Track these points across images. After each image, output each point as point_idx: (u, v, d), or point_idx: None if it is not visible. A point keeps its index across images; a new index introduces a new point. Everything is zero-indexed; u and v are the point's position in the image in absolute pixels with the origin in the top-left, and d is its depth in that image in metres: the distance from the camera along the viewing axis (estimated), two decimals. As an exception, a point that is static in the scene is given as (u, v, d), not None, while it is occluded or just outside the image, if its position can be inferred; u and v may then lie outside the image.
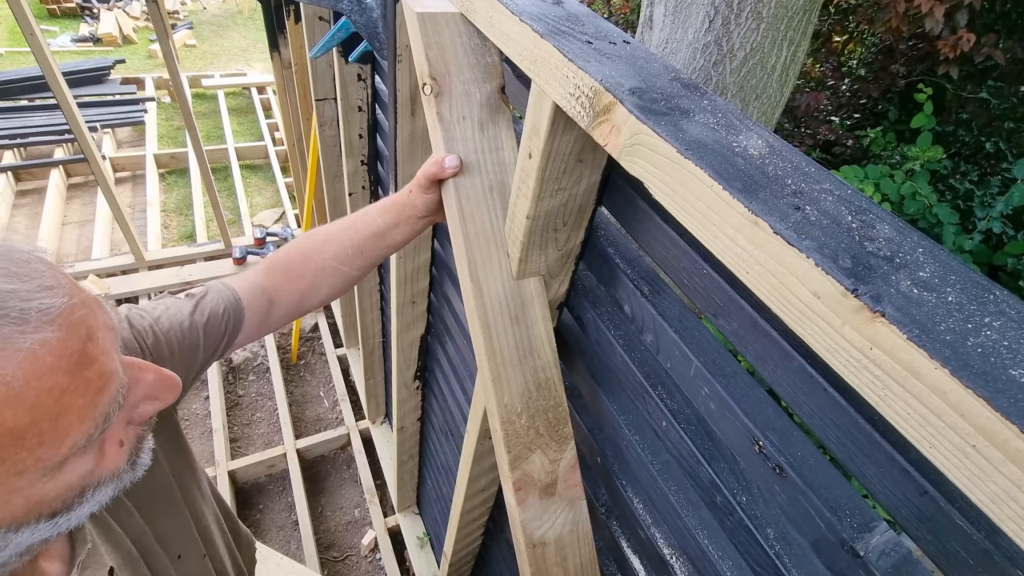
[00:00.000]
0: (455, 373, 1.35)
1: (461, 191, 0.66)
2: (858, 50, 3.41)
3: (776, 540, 0.50)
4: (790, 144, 0.41)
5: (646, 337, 0.61)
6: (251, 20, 8.02)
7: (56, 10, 7.14)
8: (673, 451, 0.61)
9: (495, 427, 0.67)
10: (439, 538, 1.92)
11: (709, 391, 0.53)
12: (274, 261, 0.73)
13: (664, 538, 0.67)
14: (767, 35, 1.68)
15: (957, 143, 2.74)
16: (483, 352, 0.65)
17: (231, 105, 5.53)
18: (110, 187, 2.96)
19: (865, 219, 0.35)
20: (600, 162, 0.58)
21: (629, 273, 0.62)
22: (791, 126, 3.16)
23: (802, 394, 0.43)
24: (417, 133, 1.07)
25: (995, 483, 0.26)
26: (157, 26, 2.46)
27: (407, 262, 1.27)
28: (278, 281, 0.72)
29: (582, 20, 0.55)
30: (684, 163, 0.38)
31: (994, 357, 0.27)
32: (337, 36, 1.12)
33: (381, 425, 2.56)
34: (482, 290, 0.65)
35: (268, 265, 0.72)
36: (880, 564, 0.41)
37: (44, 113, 4.22)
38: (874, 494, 0.40)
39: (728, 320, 0.49)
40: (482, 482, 1.03)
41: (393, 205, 0.72)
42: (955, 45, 2.27)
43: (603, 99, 0.44)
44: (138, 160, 4.40)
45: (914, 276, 0.31)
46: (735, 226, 0.36)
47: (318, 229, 0.74)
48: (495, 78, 0.70)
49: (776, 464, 0.47)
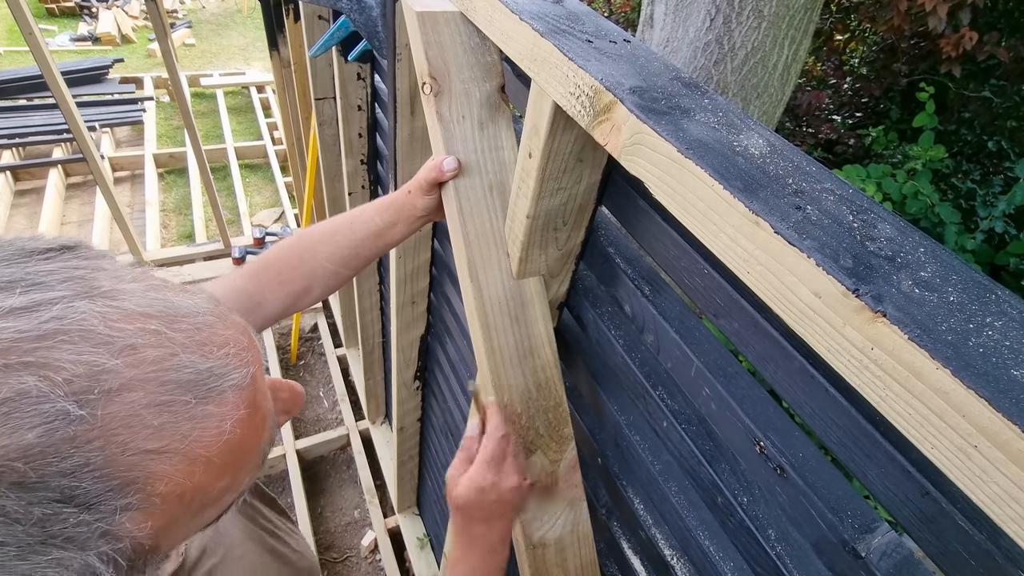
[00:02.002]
0: (455, 373, 1.35)
1: (461, 191, 0.66)
2: (860, 48, 3.40)
3: (777, 541, 0.50)
4: (791, 143, 0.41)
5: (647, 337, 0.61)
6: (250, 19, 8.01)
7: (55, 9, 7.13)
8: (674, 451, 0.61)
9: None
10: (439, 539, 1.92)
11: (710, 391, 0.53)
12: (266, 262, 0.70)
13: (665, 539, 0.66)
14: (768, 33, 1.68)
15: (959, 142, 2.74)
16: (483, 352, 0.65)
17: (230, 104, 5.52)
18: (109, 187, 2.96)
19: (866, 219, 0.35)
20: (600, 161, 0.58)
21: (629, 273, 0.62)
22: (792, 125, 3.16)
23: (803, 394, 0.43)
24: (417, 132, 1.06)
25: (997, 484, 0.26)
26: (156, 25, 2.46)
27: (407, 262, 1.27)
28: (269, 283, 0.69)
29: (582, 19, 0.55)
30: (685, 162, 0.38)
31: (996, 357, 0.27)
32: (336, 35, 1.12)
33: (381, 425, 2.56)
34: (482, 290, 0.65)
35: (258, 266, 0.70)
36: (881, 565, 0.41)
37: (43, 112, 4.22)
38: (875, 495, 0.40)
39: (729, 320, 0.49)
40: (482, 482, 1.02)
41: (392, 205, 0.72)
42: (957, 43, 2.27)
43: (603, 98, 0.44)
44: (137, 159, 4.40)
45: (915, 276, 0.31)
46: (736, 226, 0.36)
47: (313, 228, 0.72)
48: (495, 77, 0.70)
49: (777, 465, 0.47)
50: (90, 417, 0.27)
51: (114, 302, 0.30)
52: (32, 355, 0.26)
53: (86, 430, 0.27)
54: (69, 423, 0.26)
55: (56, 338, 0.27)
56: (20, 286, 0.28)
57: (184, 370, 0.31)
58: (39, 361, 0.26)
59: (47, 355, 0.26)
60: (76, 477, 0.26)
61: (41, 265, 0.30)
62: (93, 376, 0.27)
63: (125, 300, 0.30)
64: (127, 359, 0.29)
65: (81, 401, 0.27)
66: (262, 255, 0.71)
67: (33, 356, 0.26)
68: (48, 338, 0.27)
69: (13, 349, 0.26)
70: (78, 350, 0.27)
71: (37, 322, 0.27)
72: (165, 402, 0.30)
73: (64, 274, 0.30)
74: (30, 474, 0.25)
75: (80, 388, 0.27)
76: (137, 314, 0.30)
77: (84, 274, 0.30)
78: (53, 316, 0.27)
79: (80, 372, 0.27)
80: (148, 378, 0.29)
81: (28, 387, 0.25)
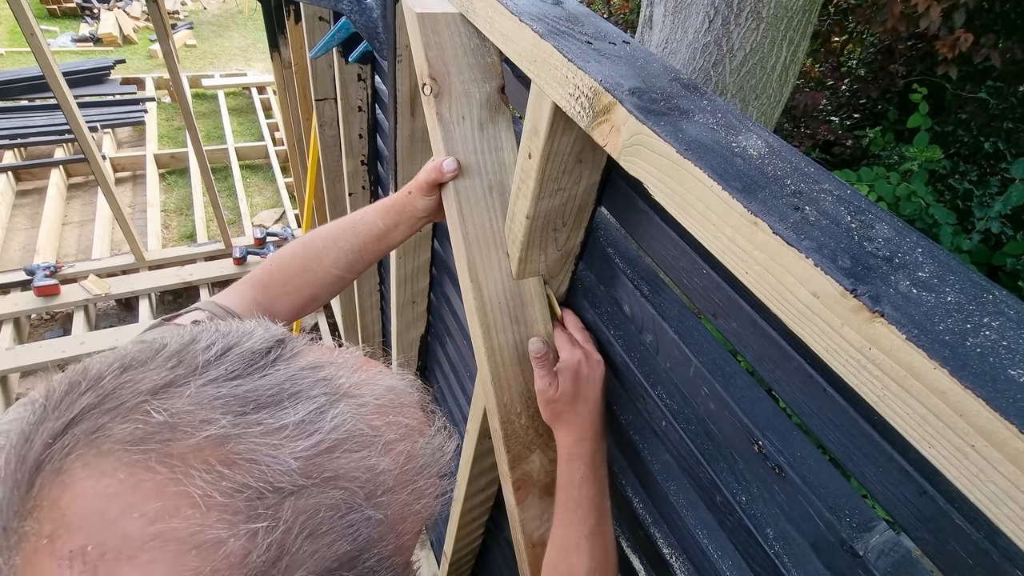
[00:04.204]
0: (455, 373, 1.35)
1: (461, 191, 0.66)
2: (857, 50, 3.41)
3: (775, 540, 0.50)
4: (790, 144, 0.41)
5: (646, 337, 0.61)
6: (251, 20, 8.02)
7: (56, 10, 7.14)
8: (672, 451, 0.61)
9: (494, 427, 0.67)
10: (439, 538, 1.92)
11: (708, 391, 0.53)
12: (271, 272, 0.69)
13: (664, 537, 0.67)
14: (767, 35, 1.68)
15: (956, 143, 2.74)
16: (483, 352, 0.65)
17: (231, 105, 5.53)
18: (110, 187, 2.96)
19: (864, 219, 0.35)
20: (600, 162, 0.58)
21: (629, 273, 0.62)
22: (791, 126, 3.16)
23: (801, 394, 0.43)
24: (417, 133, 1.07)
25: (994, 483, 0.26)
26: (157, 26, 2.46)
27: (407, 262, 1.27)
28: (277, 294, 0.68)
29: (582, 20, 0.55)
30: (683, 163, 0.38)
31: (993, 357, 0.27)
32: (337, 36, 1.12)
33: (381, 425, 2.56)
34: (482, 290, 0.65)
35: (265, 276, 0.69)
36: (879, 564, 0.41)
37: (44, 113, 4.23)
38: (873, 494, 0.40)
39: (727, 320, 0.49)
40: (482, 482, 1.03)
41: (393, 207, 0.72)
42: (953, 45, 2.28)
43: (603, 99, 0.44)
44: (138, 160, 4.40)
45: (913, 276, 0.31)
46: (734, 226, 0.36)
47: (315, 234, 0.71)
48: (495, 78, 0.70)
49: (775, 464, 0.47)
50: (385, 520, 0.30)
51: (360, 400, 0.32)
52: (329, 471, 0.28)
53: (383, 532, 0.29)
54: (371, 527, 0.29)
55: (342, 448, 0.29)
56: (285, 398, 0.29)
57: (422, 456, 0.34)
58: (336, 473, 0.28)
59: (340, 465, 0.28)
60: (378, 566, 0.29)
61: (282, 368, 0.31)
62: (376, 480, 0.30)
63: (367, 395, 0.33)
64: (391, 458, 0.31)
65: (375, 504, 0.29)
66: (267, 262, 0.70)
67: (330, 471, 0.28)
68: (336, 449, 0.29)
69: (313, 470, 0.27)
70: (359, 457, 0.29)
71: (320, 436, 0.28)
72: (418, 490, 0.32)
73: (310, 377, 0.31)
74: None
75: (370, 493, 0.29)
76: (380, 407, 0.33)
77: (326, 375, 0.32)
78: (332, 427, 0.29)
79: (367, 478, 0.29)
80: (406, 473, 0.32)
81: (336, 501, 0.27)
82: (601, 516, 0.60)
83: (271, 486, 0.25)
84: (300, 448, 0.27)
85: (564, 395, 0.63)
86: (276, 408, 0.28)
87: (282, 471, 0.26)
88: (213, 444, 0.25)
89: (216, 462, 0.25)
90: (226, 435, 0.26)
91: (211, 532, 0.24)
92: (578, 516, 0.59)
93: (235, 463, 0.25)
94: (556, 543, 0.61)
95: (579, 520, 0.59)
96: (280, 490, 0.26)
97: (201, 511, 0.24)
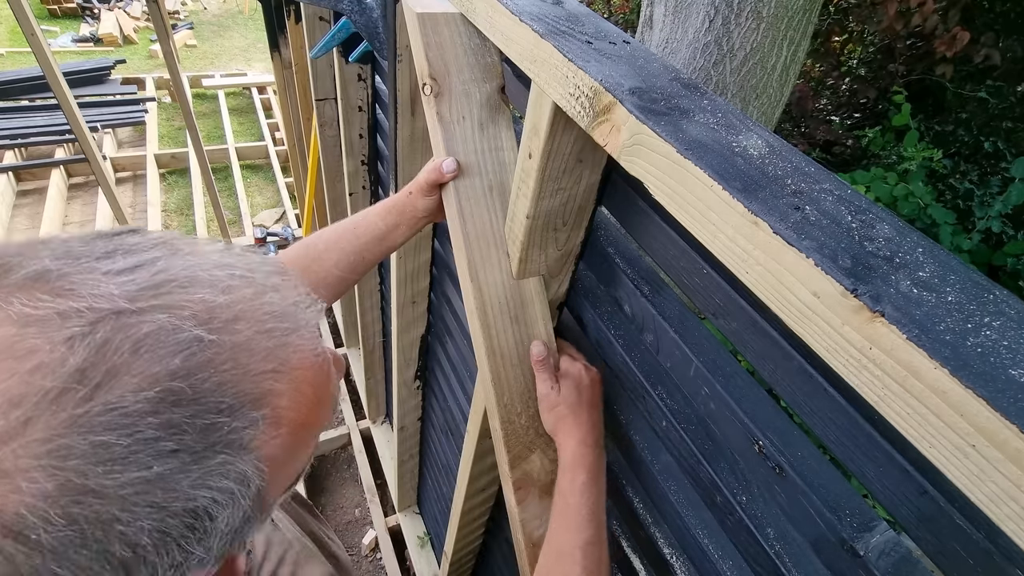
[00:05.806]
0: (455, 373, 1.35)
1: (461, 191, 0.66)
2: (857, 50, 3.41)
3: (776, 539, 0.50)
4: (790, 144, 0.41)
5: (646, 337, 0.61)
6: (251, 20, 8.02)
7: (57, 10, 7.14)
8: (673, 451, 0.61)
9: (495, 427, 0.67)
10: (439, 537, 1.92)
11: (709, 391, 0.53)
12: None
13: (664, 538, 0.67)
14: (767, 35, 1.68)
15: (957, 143, 2.74)
16: (483, 352, 0.65)
17: (231, 105, 5.53)
18: (111, 187, 2.96)
19: (865, 219, 0.35)
20: (600, 162, 0.58)
21: (629, 273, 0.62)
22: (791, 126, 3.16)
23: (802, 394, 0.43)
24: (417, 133, 1.07)
25: (995, 483, 0.26)
26: (158, 26, 2.46)
27: (407, 262, 1.27)
28: None
29: (582, 20, 0.55)
30: (684, 163, 0.38)
31: (994, 357, 0.27)
32: (337, 36, 1.12)
33: (381, 425, 2.56)
34: (482, 290, 0.65)
35: None
36: (880, 563, 0.41)
37: (45, 113, 4.22)
38: (874, 494, 0.40)
39: (728, 320, 0.49)
40: (482, 481, 1.03)
41: (394, 207, 0.72)
42: (951, 43, 2.28)
43: (603, 99, 0.44)
44: (139, 160, 4.40)
45: (914, 276, 0.31)
46: (735, 226, 0.36)
47: (317, 236, 0.72)
48: (495, 78, 0.70)
49: (776, 464, 0.47)
50: (219, 342, 0.30)
51: (201, 259, 0.33)
52: (155, 300, 0.29)
53: (217, 353, 0.30)
54: (203, 348, 0.29)
55: (170, 285, 0.30)
56: (118, 253, 0.30)
57: (274, 304, 0.34)
58: (163, 303, 0.29)
59: (167, 298, 0.29)
60: (220, 393, 0.29)
61: (125, 239, 0.32)
62: (210, 310, 0.30)
63: (209, 256, 0.33)
64: (230, 296, 0.32)
65: (208, 328, 0.30)
66: None
67: (157, 300, 0.29)
68: (163, 286, 0.30)
69: (139, 297, 0.29)
70: (191, 291, 0.30)
71: (148, 275, 0.30)
72: (268, 330, 0.32)
73: (150, 242, 0.32)
74: (187, 391, 0.28)
75: (203, 320, 0.30)
76: (224, 264, 0.33)
77: (167, 240, 0.33)
78: (159, 270, 0.30)
79: (199, 308, 0.30)
80: (250, 310, 0.32)
81: (162, 323, 0.28)
82: (598, 527, 0.60)
83: (90, 308, 0.27)
84: (125, 281, 0.29)
85: (567, 399, 0.63)
86: (106, 258, 0.30)
87: (104, 296, 0.28)
88: (34, 277, 0.28)
89: (37, 292, 0.27)
90: (47, 269, 0.28)
91: (28, 342, 0.26)
92: (576, 523, 0.59)
93: (57, 292, 0.27)
94: (551, 549, 0.60)
95: (576, 528, 0.59)
96: (99, 310, 0.27)
97: (18, 327, 0.26)
